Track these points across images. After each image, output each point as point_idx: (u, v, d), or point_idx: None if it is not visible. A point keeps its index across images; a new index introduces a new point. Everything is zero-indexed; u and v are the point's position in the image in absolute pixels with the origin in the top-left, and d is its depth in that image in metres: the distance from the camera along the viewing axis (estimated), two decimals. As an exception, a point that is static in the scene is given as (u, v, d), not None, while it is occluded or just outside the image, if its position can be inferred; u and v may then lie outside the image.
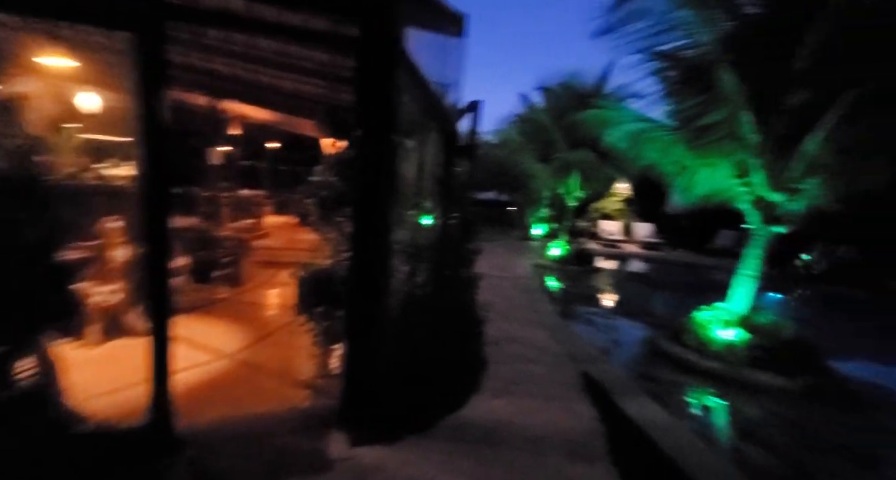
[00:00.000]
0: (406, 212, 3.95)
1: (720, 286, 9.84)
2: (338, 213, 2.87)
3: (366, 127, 2.27)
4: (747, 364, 3.90)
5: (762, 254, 4.29)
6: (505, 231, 15.89)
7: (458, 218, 4.75)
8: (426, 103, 3.64)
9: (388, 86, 2.19)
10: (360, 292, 2.39)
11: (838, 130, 3.53)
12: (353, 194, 2.42)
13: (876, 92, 3.32)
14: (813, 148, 3.72)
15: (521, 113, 10.11)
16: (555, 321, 5.46)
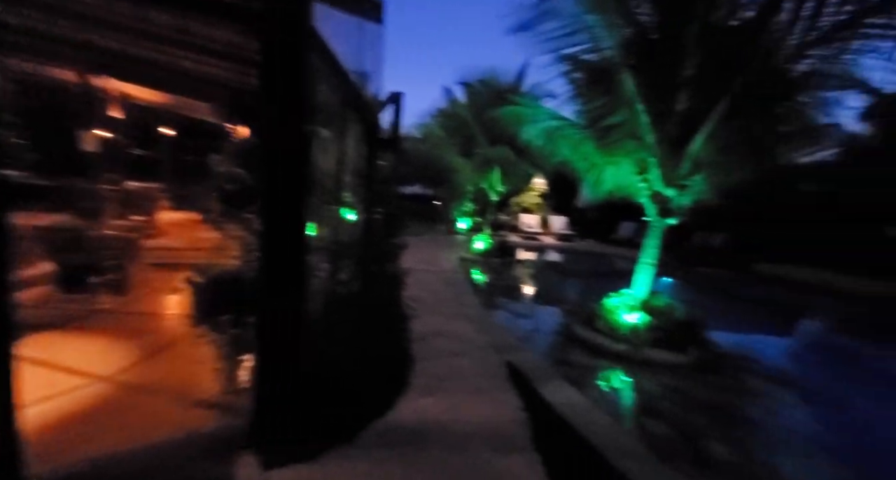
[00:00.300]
0: (326, 207, 3.71)
1: (624, 273, 10.92)
2: (245, 208, 2.57)
3: (274, 113, 2.04)
4: (650, 344, 4.33)
5: (659, 244, 4.78)
6: (431, 225, 15.98)
7: (382, 212, 4.60)
8: (344, 92, 3.42)
9: (298, 66, 1.98)
10: (272, 295, 2.15)
11: (717, 133, 4.04)
12: (261, 187, 2.17)
13: (742, 99, 3.85)
14: (697, 148, 4.21)
15: (442, 107, 10.17)
16: (479, 313, 5.58)
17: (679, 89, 4.17)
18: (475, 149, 9.27)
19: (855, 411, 3.84)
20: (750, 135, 3.92)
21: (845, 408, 3.82)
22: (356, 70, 3.86)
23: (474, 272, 9.03)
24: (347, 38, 3.54)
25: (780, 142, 4.06)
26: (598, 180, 5.36)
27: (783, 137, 4.15)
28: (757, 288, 9.37)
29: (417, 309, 5.34)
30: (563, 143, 5.44)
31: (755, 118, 3.93)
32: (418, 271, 7.87)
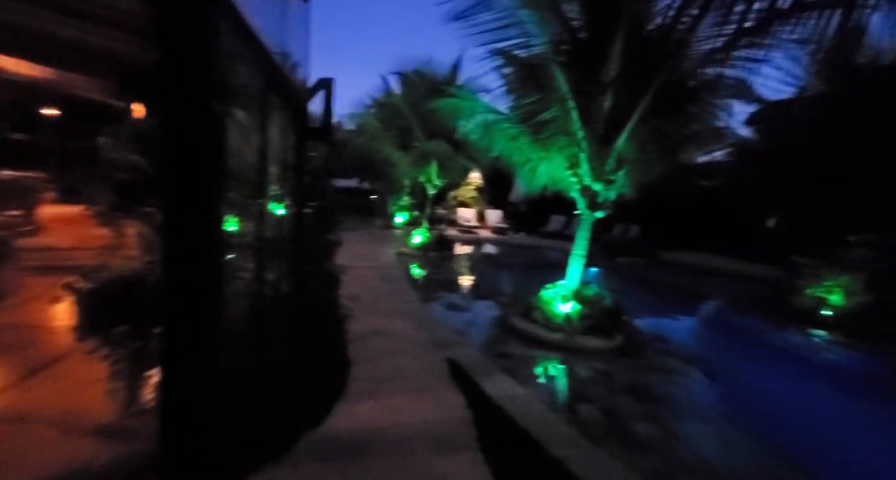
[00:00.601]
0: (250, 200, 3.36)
1: (555, 264, 11.46)
2: (143, 201, 2.21)
3: (176, 89, 1.74)
4: (582, 332, 4.55)
5: (589, 236, 5.03)
6: (368, 219, 15.54)
7: (315, 207, 4.32)
8: (267, 73, 3.10)
9: (203, 33, 1.70)
10: (180, 300, 1.86)
11: (638, 131, 4.31)
12: (162, 176, 1.86)
13: (660, 100, 4.14)
14: (622, 145, 4.47)
15: (378, 98, 9.83)
16: (419, 309, 5.49)
17: (606, 88, 4.38)
18: (412, 142, 9.12)
19: (745, 380, 4.36)
20: (665, 134, 4.24)
21: (738, 379, 4.33)
22: (280, 51, 3.53)
23: (413, 267, 8.91)
24: (269, 15, 3.22)
25: (688, 141, 4.45)
26: (532, 174, 5.50)
27: (691, 137, 4.54)
28: (665, 275, 10.35)
29: (355, 308, 5.10)
30: (500, 138, 5.50)
31: (670, 118, 4.26)
32: (355, 267, 7.58)
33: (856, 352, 5.50)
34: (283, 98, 3.59)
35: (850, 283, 6.10)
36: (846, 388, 4.42)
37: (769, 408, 3.77)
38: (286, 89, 3.53)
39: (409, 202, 15.08)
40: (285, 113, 3.78)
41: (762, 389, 4.22)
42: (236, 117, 2.42)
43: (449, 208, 16.24)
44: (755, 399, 3.95)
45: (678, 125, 4.39)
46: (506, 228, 15.32)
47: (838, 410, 3.87)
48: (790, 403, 3.98)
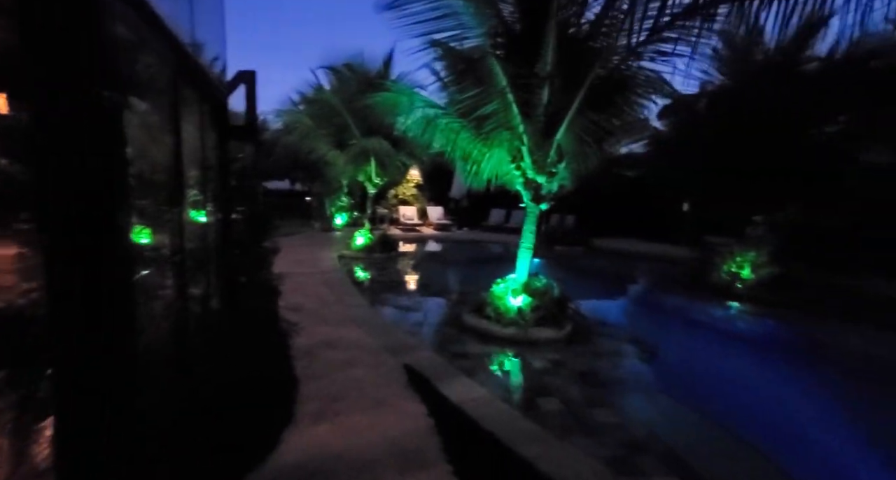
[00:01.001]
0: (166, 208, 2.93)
1: (499, 257, 11.68)
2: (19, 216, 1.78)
3: (57, 76, 1.39)
4: (535, 324, 4.59)
5: (535, 229, 5.10)
6: (305, 222, 14.73)
7: (245, 212, 3.91)
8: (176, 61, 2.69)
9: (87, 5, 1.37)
10: (75, 333, 1.51)
11: (575, 123, 4.42)
12: (41, 183, 1.49)
13: (594, 93, 4.28)
14: (560, 137, 4.56)
15: (307, 94, 9.23)
16: (368, 314, 5.24)
17: (543, 82, 4.43)
18: (349, 140, 8.70)
19: (681, 357, 4.70)
20: (600, 126, 4.39)
21: (673, 355, 4.65)
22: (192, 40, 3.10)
23: (357, 269, 8.56)
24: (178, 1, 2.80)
25: (619, 134, 4.65)
26: (476, 169, 5.46)
27: (622, 129, 4.75)
28: (599, 261, 10.99)
29: (299, 319, 4.74)
30: (440, 133, 5.38)
31: (604, 111, 4.42)
32: (296, 275, 7.09)
33: (763, 320, 6.17)
34: (199, 92, 3.16)
35: (756, 258, 6.85)
36: (760, 354, 4.92)
37: (704, 380, 4.07)
38: (202, 82, 3.12)
39: (348, 202, 14.52)
40: (202, 109, 3.34)
41: (695, 363, 4.57)
42: (140, 111, 2.05)
43: (390, 207, 15.91)
44: (691, 373, 4.25)
45: (612, 116, 4.56)
46: (449, 224, 15.35)
47: (759, 376, 4.29)
48: (720, 373, 4.34)
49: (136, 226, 1.86)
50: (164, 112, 2.63)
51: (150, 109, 2.52)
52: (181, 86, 2.73)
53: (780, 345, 5.27)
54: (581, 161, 4.77)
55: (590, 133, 4.41)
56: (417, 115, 5.50)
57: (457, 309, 5.57)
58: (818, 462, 2.81)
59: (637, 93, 4.44)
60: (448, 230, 15.14)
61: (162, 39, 2.37)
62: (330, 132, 8.87)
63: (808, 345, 5.17)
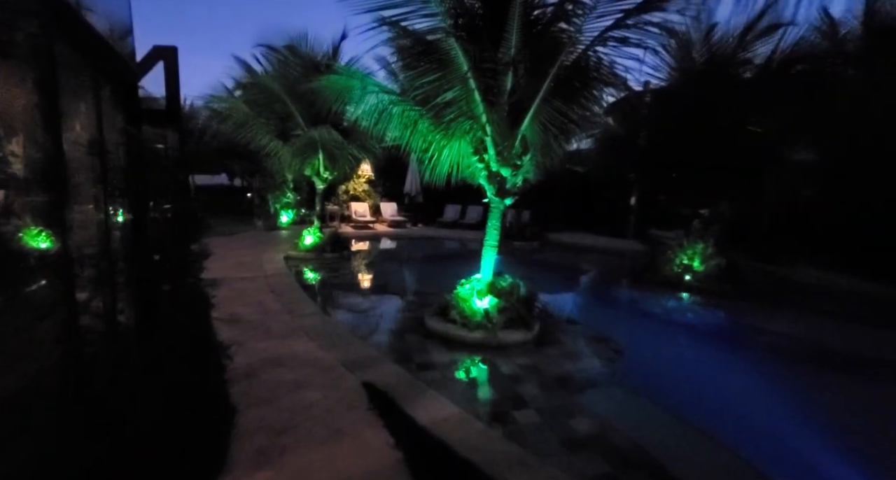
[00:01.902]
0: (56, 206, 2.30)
1: (456, 254, 11.45)
2: None
3: None
4: (503, 326, 4.33)
5: (499, 225, 4.83)
6: (247, 221, 13.59)
7: (170, 209, 3.28)
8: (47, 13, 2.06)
9: None
10: None
11: (540, 112, 4.18)
12: None
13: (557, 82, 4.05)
14: (526, 127, 4.31)
15: (243, 79, 8.27)
16: (321, 322, 4.72)
17: (507, 68, 4.14)
18: (294, 129, 7.95)
19: (647, 353, 4.66)
20: (566, 116, 4.19)
21: (640, 352, 4.59)
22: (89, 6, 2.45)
23: (307, 271, 7.89)
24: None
25: (582, 125, 4.47)
26: (435, 162, 5.09)
27: (584, 120, 4.57)
28: (556, 256, 11.05)
29: (239, 332, 4.17)
30: (396, 122, 4.94)
31: (570, 100, 4.21)
32: (235, 280, 6.35)
33: (715, 312, 6.37)
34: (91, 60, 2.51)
35: (703, 250, 7.10)
36: (719, 347, 5.01)
37: (674, 378, 4.02)
38: (93, 48, 2.47)
39: (294, 199, 13.58)
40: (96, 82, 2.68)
41: (662, 359, 4.54)
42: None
43: (341, 203, 15.12)
44: (660, 371, 4.19)
45: (578, 106, 4.36)
46: (403, 221, 14.85)
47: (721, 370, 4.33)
48: (687, 368, 4.33)
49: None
50: (33, 78, 1.99)
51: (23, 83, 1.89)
52: (57, 46, 2.10)
53: (733, 336, 5.44)
54: (546, 153, 4.55)
55: (556, 123, 4.20)
56: (371, 103, 5.02)
57: (419, 312, 5.20)
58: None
59: (602, 82, 4.27)
60: (402, 227, 14.66)
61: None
62: (271, 121, 8.06)
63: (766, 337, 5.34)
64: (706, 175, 6.77)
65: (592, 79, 4.44)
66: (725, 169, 6.77)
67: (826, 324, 5.75)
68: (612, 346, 4.54)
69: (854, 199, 6.99)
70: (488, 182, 4.74)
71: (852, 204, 7.06)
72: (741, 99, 6.60)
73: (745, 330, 5.57)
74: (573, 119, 4.28)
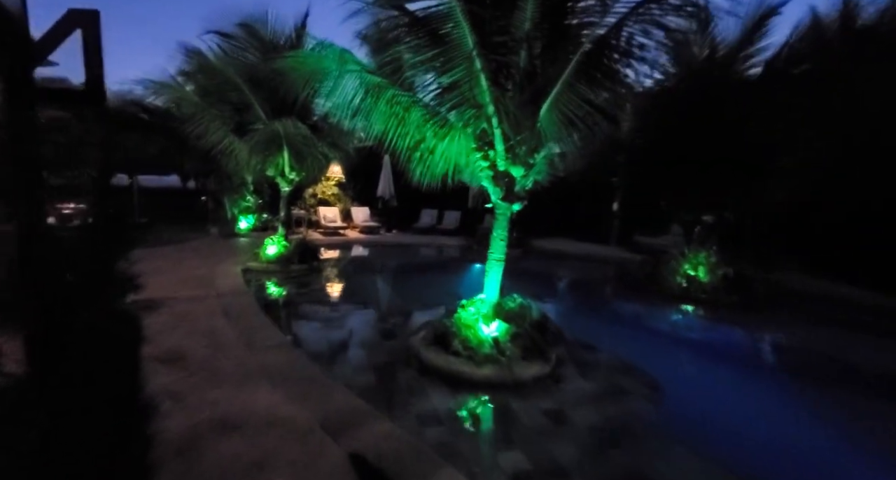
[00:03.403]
0: None
1: (439, 264, 10.56)
2: None
3: None
4: (519, 357, 3.56)
5: (507, 235, 4.07)
6: (201, 227, 12.14)
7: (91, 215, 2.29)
8: None
9: None
10: None
11: (561, 100, 3.46)
12: None
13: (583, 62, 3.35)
14: (543, 117, 3.57)
15: (191, 66, 7.04)
16: (288, 359, 3.75)
17: (521, 44, 3.40)
18: (253, 123, 6.88)
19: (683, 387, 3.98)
20: (594, 105, 3.48)
21: (674, 386, 3.89)
22: None
23: (270, 287, 6.82)
24: None
25: (604, 116, 3.76)
26: (427, 160, 4.27)
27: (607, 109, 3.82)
28: (542, 264, 10.42)
29: (177, 377, 3.17)
30: (382, 112, 4.08)
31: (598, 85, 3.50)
32: (179, 301, 5.23)
33: (729, 327, 5.84)
34: None
35: (708, 259, 6.65)
36: (748, 371, 4.42)
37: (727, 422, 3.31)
38: None
39: (255, 202, 12.30)
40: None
41: (701, 394, 3.83)
42: None
43: (308, 208, 13.93)
44: (708, 412, 3.44)
45: (608, 90, 3.65)
46: (376, 227, 13.85)
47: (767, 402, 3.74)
48: (736, 408, 3.60)
49: None
50: None
51: None
52: None
53: (760, 357, 4.90)
54: (565, 148, 3.85)
55: (580, 113, 3.49)
56: (349, 88, 4.13)
57: (408, 338, 4.34)
58: None
59: (640, 60, 3.55)
60: (376, 233, 13.67)
61: None
62: (225, 113, 6.95)
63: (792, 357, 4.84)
64: (711, 173, 6.32)
65: (624, 55, 3.68)
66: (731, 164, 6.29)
67: (845, 338, 5.36)
68: (644, 379, 3.85)
69: (854, 201, 6.76)
70: (494, 184, 3.98)
71: (852, 205, 6.84)
72: (747, 93, 6.21)
73: (769, 349, 5.08)
74: (600, 106, 3.56)
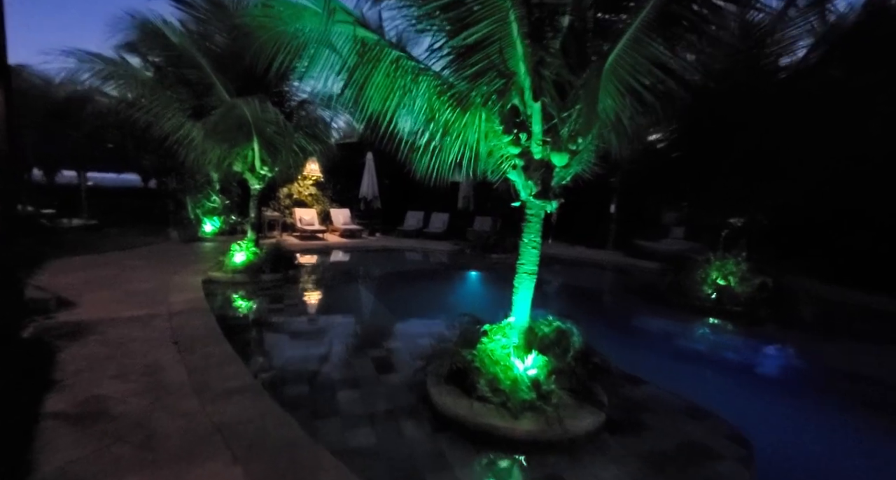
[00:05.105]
0: None
1: (431, 272, 9.49)
2: None
3: None
4: (567, 403, 2.67)
5: (539, 241, 3.20)
6: (160, 230, 10.76)
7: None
8: None
9: None
10: None
11: (622, 63, 2.62)
12: None
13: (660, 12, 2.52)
14: (598, 88, 2.71)
15: (138, 35, 5.82)
16: (256, 413, 2.73)
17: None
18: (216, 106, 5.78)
19: (759, 430, 3.22)
20: (667, 69, 2.65)
21: (761, 438, 3.13)
22: None
23: (236, 303, 5.73)
24: None
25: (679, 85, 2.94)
26: (437, 146, 3.36)
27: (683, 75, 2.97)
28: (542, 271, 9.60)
29: (93, 449, 2.13)
30: (378, 85, 3.15)
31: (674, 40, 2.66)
32: (117, 323, 4.11)
33: (782, 348, 5.12)
34: None
35: (738, 267, 5.98)
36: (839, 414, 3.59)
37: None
38: None
39: (222, 203, 11.03)
40: None
41: (799, 451, 2.97)
42: None
43: (282, 209, 12.73)
44: None
45: (692, 48, 2.81)
46: (358, 230, 12.76)
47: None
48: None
49: None
50: None
51: None
52: None
53: (836, 390, 4.12)
54: (620, 130, 3.02)
55: (647, 81, 2.66)
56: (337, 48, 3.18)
57: (413, 371, 3.41)
58: None
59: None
60: (358, 237, 12.59)
61: None
62: (183, 96, 5.83)
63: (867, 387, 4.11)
64: (749, 172, 5.63)
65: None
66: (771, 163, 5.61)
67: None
68: (720, 428, 2.98)
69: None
70: (526, 176, 3.10)
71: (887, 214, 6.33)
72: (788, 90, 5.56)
73: (841, 378, 4.32)
74: (676, 70, 2.72)
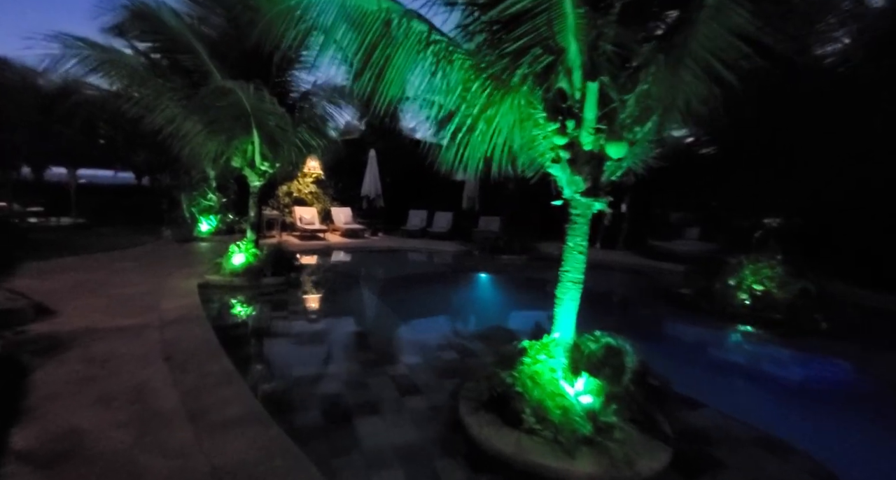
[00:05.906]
0: None
1: (441, 275, 8.89)
2: None
3: None
4: (631, 437, 2.26)
5: (586, 245, 2.79)
6: (155, 230, 10.30)
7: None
8: None
9: None
10: None
11: (699, 37, 2.21)
12: None
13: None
14: (669, 69, 2.30)
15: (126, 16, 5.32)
16: (262, 452, 2.29)
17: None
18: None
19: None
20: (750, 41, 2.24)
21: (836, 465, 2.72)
22: None
23: (235, 310, 5.29)
24: None
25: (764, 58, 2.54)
26: (467, 137, 2.93)
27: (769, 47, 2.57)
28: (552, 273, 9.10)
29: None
30: (401, 66, 2.73)
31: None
32: (104, 334, 3.66)
33: (835, 362, 4.62)
34: None
35: (776, 271, 5.57)
36: None
37: None
38: None
39: (219, 201, 10.57)
40: None
41: None
42: None
43: (282, 208, 12.28)
44: None
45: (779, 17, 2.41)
46: (360, 230, 12.32)
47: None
48: None
49: None
50: None
51: None
52: None
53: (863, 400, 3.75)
54: (685, 116, 2.61)
55: (728, 56, 2.25)
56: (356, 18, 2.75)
57: (439, 392, 2.99)
58: None
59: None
60: (360, 237, 12.15)
61: None
62: (177, 85, 5.38)
63: None
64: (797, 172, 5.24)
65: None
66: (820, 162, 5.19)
67: None
68: (806, 465, 2.52)
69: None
70: (572, 171, 2.68)
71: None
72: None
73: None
74: (766, 43, 2.31)
